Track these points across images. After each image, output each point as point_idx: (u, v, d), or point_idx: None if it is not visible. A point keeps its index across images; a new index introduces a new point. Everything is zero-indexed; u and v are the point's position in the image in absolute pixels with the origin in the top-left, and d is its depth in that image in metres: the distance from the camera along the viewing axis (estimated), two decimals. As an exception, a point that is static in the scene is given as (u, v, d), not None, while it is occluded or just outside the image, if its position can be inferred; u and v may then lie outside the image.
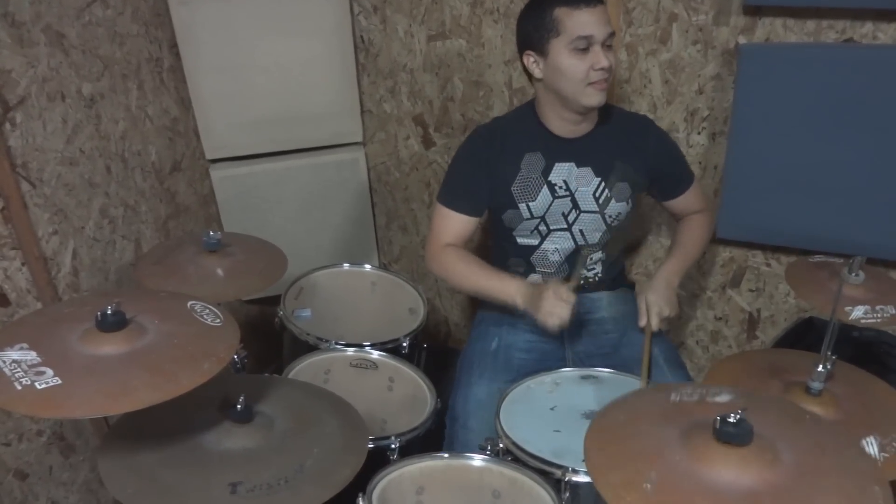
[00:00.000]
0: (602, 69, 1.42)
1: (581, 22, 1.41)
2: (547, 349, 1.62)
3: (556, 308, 1.41)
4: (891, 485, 0.81)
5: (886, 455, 0.97)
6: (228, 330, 1.15)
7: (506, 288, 1.53)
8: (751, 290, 2.00)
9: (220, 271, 1.47)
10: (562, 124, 1.56)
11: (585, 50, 1.42)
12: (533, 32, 1.47)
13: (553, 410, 1.37)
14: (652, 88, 1.88)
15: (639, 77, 1.88)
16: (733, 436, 0.80)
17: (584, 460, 0.89)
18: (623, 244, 1.76)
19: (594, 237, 1.63)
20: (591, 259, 1.67)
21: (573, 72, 1.44)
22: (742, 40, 1.74)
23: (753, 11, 1.71)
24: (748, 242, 1.93)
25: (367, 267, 1.98)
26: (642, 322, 1.55)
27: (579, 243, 1.63)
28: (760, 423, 0.82)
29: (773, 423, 0.86)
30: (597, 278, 1.69)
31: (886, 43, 1.63)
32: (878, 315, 1.15)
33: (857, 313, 1.15)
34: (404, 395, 1.58)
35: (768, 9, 1.69)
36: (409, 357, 1.68)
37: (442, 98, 2.15)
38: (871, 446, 0.98)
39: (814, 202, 1.76)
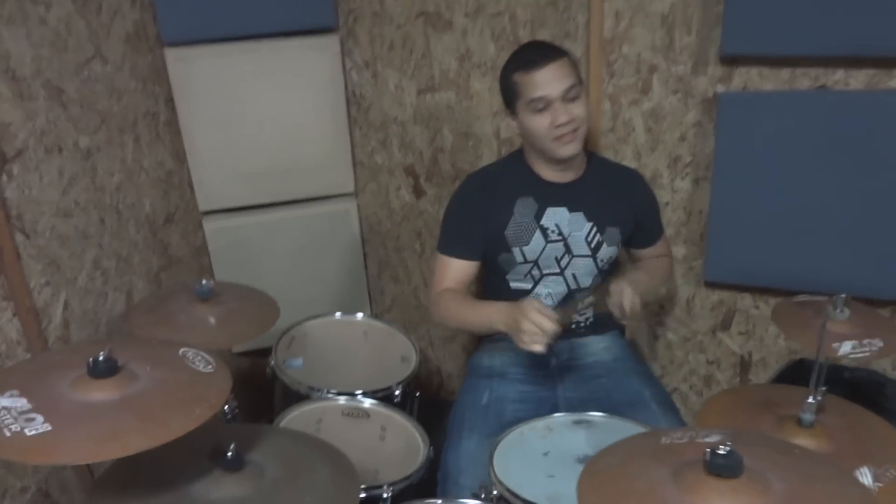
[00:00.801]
0: (561, 125, 1.48)
1: (534, 84, 1.48)
2: (539, 397, 1.61)
3: (535, 337, 1.35)
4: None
5: (881, 485, 0.97)
6: (220, 376, 1.15)
7: (489, 314, 1.50)
8: (741, 333, 2.01)
9: (211, 319, 1.47)
10: (549, 171, 1.60)
11: (545, 108, 1.48)
12: (504, 95, 1.58)
13: (546, 456, 1.35)
14: (635, 136, 1.93)
15: (622, 126, 1.93)
16: (723, 467, 0.80)
17: None
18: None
19: (586, 281, 1.65)
20: (583, 303, 1.69)
21: (537, 129, 1.51)
22: (720, 89, 1.80)
23: (730, 61, 1.78)
24: (736, 285, 1.95)
25: (359, 316, 1.98)
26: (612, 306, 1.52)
27: (571, 287, 1.65)
28: (751, 456, 0.82)
29: (763, 457, 0.86)
30: (588, 323, 1.70)
31: (858, 89, 1.69)
32: (866, 349, 1.16)
33: (846, 349, 1.16)
34: (397, 444, 1.56)
35: (744, 58, 1.76)
36: (402, 406, 1.67)
37: (432, 149, 2.20)
38: (865, 477, 0.98)
39: (798, 243, 1.79)
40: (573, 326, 1.69)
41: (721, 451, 0.80)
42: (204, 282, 1.50)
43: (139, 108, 1.89)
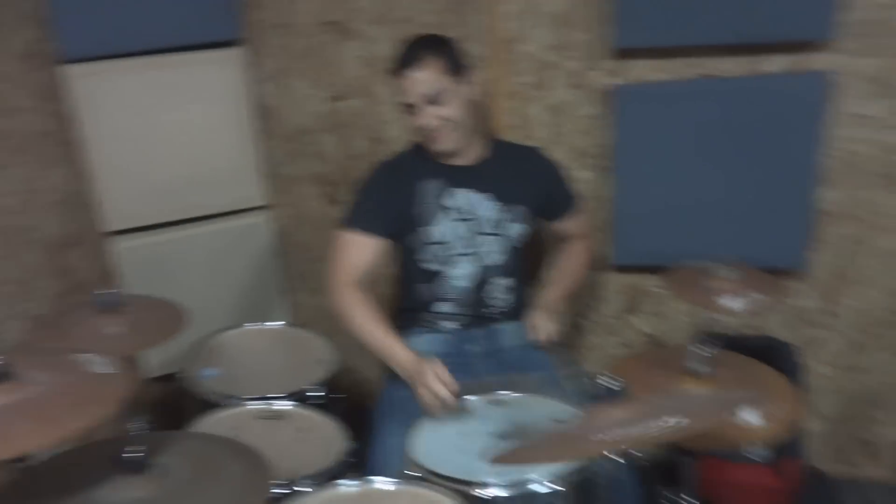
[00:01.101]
0: (421, 127, 1.56)
1: (403, 88, 1.56)
2: (461, 384, 1.62)
3: (434, 394, 1.40)
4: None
5: (766, 422, 1.03)
6: (120, 377, 1.12)
7: (395, 353, 1.53)
8: (650, 314, 2.09)
9: (116, 328, 1.43)
10: (449, 157, 1.64)
11: (412, 110, 1.57)
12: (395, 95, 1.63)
13: (464, 435, 1.37)
14: (539, 130, 2.00)
15: (525, 122, 2.00)
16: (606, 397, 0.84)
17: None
18: (527, 271, 1.82)
19: (498, 259, 1.69)
20: (500, 287, 1.72)
21: (412, 126, 1.61)
22: (615, 81, 1.89)
23: (622, 55, 1.86)
24: (642, 267, 2.03)
25: (276, 324, 1.96)
26: (531, 338, 1.68)
27: (485, 265, 1.68)
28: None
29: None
30: (506, 307, 1.73)
31: (739, 75, 1.80)
32: (752, 303, 1.24)
33: (732, 303, 1.23)
34: (317, 443, 1.53)
35: (635, 51, 1.85)
36: (323, 409, 1.65)
37: (345, 157, 2.21)
38: (751, 415, 1.04)
39: (696, 223, 1.89)
40: (490, 313, 1.72)
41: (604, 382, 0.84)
42: (106, 291, 1.46)
43: (35, 126, 1.83)
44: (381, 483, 1.24)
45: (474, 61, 1.68)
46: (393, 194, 1.65)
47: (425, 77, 1.53)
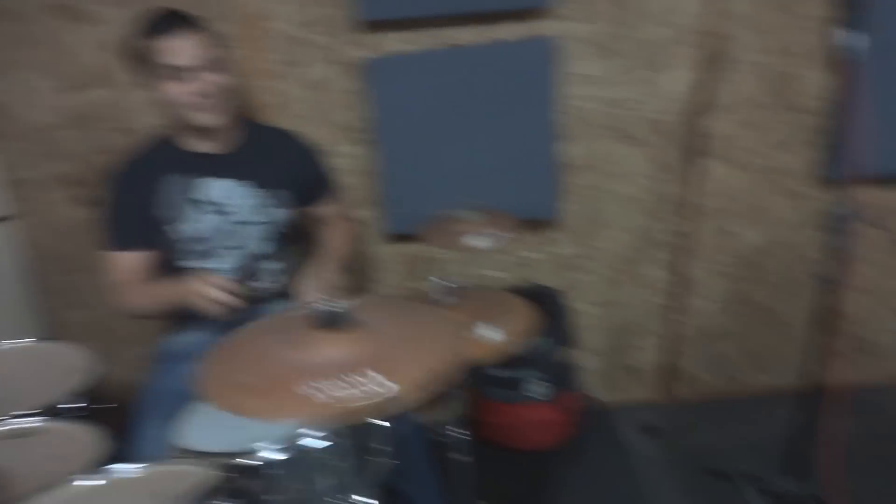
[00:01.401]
0: (194, 94, 1.47)
1: (167, 51, 1.45)
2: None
3: (212, 299, 1.40)
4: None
5: (505, 336, 1.12)
6: None
7: (170, 291, 1.52)
8: (433, 278, 2.16)
9: None
10: (200, 143, 1.58)
11: (180, 76, 1.46)
12: (138, 66, 1.50)
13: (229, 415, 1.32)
14: (298, 109, 1.98)
15: (285, 99, 1.97)
16: (328, 321, 0.85)
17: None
18: (298, 252, 1.79)
19: (265, 247, 1.65)
20: (269, 271, 1.68)
21: (173, 97, 1.48)
22: (368, 55, 1.93)
23: (371, 28, 1.91)
24: (416, 234, 2.10)
25: (21, 341, 1.76)
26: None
27: (250, 254, 1.63)
28: (367, 315, 0.89)
29: (378, 315, 0.93)
30: (276, 288, 1.69)
31: (483, 42, 1.92)
32: (494, 239, 1.34)
33: (478, 241, 1.32)
34: (75, 455, 1.39)
35: (382, 24, 1.90)
36: (87, 420, 1.51)
37: (93, 152, 2.03)
38: (493, 330, 1.12)
39: (459, 185, 1.98)
40: (261, 294, 1.67)
41: (325, 307, 0.85)
42: None
43: None
44: (124, 471, 1.16)
45: (227, 41, 1.63)
46: (138, 199, 1.56)
47: (200, 42, 1.45)
